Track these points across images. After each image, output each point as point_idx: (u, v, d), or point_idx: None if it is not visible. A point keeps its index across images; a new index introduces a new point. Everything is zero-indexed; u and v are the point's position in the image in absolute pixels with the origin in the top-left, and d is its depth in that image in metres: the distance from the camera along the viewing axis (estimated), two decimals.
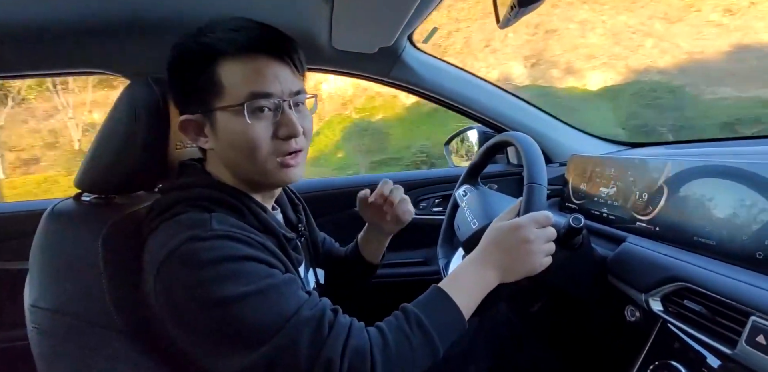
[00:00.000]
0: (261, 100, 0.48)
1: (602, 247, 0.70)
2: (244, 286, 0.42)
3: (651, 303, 0.57)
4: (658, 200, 0.66)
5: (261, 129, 0.49)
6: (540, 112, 1.06)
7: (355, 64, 0.95)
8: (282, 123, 0.50)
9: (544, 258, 0.54)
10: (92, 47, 0.76)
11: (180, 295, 0.43)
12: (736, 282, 0.47)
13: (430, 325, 0.47)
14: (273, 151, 0.50)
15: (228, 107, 0.48)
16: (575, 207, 0.88)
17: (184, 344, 0.46)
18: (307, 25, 0.76)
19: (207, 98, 0.49)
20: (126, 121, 0.54)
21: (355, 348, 0.43)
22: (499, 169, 1.15)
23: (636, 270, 0.61)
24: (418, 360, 0.46)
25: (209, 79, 0.48)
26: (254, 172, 0.51)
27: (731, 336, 0.45)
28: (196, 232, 0.44)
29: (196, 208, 0.48)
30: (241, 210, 0.50)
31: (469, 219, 0.72)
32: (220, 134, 0.50)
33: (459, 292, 0.50)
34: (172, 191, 0.52)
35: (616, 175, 0.78)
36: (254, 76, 0.49)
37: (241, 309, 0.42)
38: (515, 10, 0.39)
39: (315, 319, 0.44)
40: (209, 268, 0.43)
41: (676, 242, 0.61)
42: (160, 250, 0.45)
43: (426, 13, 0.75)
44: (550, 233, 0.54)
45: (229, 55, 0.48)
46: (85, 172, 0.57)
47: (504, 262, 0.53)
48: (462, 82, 1.01)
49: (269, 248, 0.49)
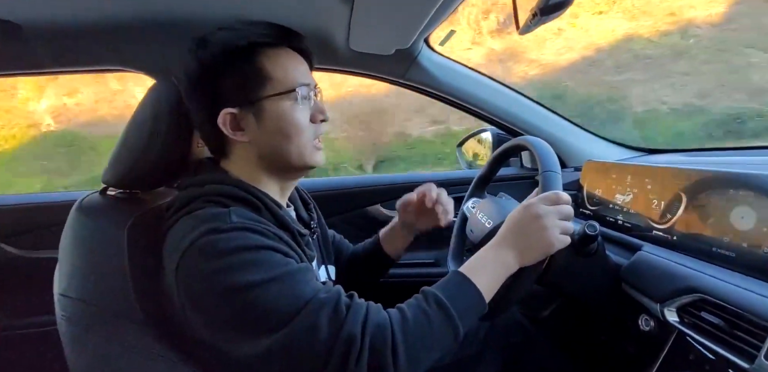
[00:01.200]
0: (305, 88, 0.54)
1: (617, 255, 0.69)
2: (262, 273, 0.44)
3: (666, 313, 0.56)
4: (676, 209, 0.64)
5: (305, 114, 0.54)
6: (555, 116, 1.05)
7: (370, 66, 0.95)
8: (317, 109, 0.56)
9: (559, 234, 0.52)
10: (118, 45, 0.78)
11: (200, 285, 0.45)
12: (757, 295, 0.46)
13: (450, 303, 0.47)
14: (312, 134, 0.55)
15: (279, 94, 0.52)
16: (590, 213, 0.87)
17: (205, 333, 0.47)
18: (325, 26, 0.77)
19: (253, 89, 0.52)
20: (150, 120, 0.56)
21: (375, 323, 0.44)
22: (512, 173, 1.14)
23: (651, 279, 0.60)
24: (438, 336, 0.46)
25: (255, 70, 0.52)
26: (294, 155, 0.54)
27: (749, 350, 0.45)
28: (216, 225, 0.46)
29: (214, 204, 0.50)
30: (257, 205, 0.52)
31: (483, 220, 0.71)
32: (266, 122, 0.53)
33: (478, 275, 0.51)
34: (190, 188, 0.53)
35: (632, 181, 0.77)
36: (295, 67, 0.54)
37: (259, 295, 0.43)
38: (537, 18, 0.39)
39: (332, 301, 0.45)
40: (228, 257, 0.44)
41: (694, 253, 0.60)
42: (180, 242, 0.47)
43: (444, 16, 0.74)
44: (565, 210, 0.53)
45: (271, 47, 0.53)
46: (111, 167, 0.59)
47: (520, 241, 0.53)
48: (477, 85, 1.00)
49: (285, 240, 0.50)
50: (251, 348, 0.44)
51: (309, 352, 0.43)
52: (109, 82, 4.11)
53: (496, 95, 1.01)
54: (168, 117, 0.56)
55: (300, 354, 0.43)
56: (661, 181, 0.70)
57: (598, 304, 0.69)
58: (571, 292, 0.68)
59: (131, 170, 0.57)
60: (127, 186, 0.60)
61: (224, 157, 0.57)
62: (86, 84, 4.15)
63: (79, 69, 0.86)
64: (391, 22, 0.70)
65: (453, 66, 0.98)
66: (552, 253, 0.53)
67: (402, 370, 0.43)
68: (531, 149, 0.64)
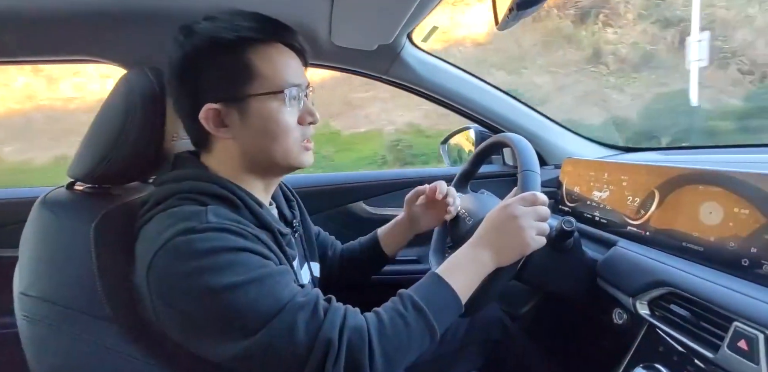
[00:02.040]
0: (295, 88, 0.52)
1: (593, 251, 0.71)
2: (239, 275, 0.43)
3: (638, 307, 0.57)
4: (650, 205, 0.66)
5: (293, 115, 0.52)
6: (536, 114, 1.06)
7: (353, 61, 0.95)
8: (306, 110, 0.54)
9: (535, 235, 0.53)
10: (90, 35, 0.75)
11: (174, 286, 0.44)
12: (722, 288, 0.48)
13: (424, 304, 0.48)
14: (300, 136, 0.54)
15: (267, 93, 0.50)
16: (568, 210, 0.89)
17: (178, 334, 0.46)
18: (307, 19, 0.76)
19: (238, 85, 0.50)
20: (122, 111, 0.54)
21: (352, 327, 0.44)
22: (494, 170, 1.16)
23: (625, 274, 0.62)
24: (415, 338, 0.47)
25: (242, 67, 0.49)
26: (280, 155, 0.53)
27: (714, 341, 0.46)
28: (191, 224, 0.44)
29: (191, 201, 0.49)
30: (236, 203, 0.50)
31: (463, 216, 0.72)
32: (251, 121, 0.51)
33: (454, 275, 0.51)
34: (167, 183, 0.52)
35: (609, 178, 0.78)
36: (287, 65, 0.52)
37: (236, 297, 0.42)
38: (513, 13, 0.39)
39: (310, 304, 0.44)
40: (204, 258, 0.43)
41: (666, 247, 0.61)
42: (153, 241, 0.45)
43: (426, 12, 0.74)
44: (541, 211, 0.54)
45: (262, 43, 0.50)
46: (79, 161, 0.57)
47: (496, 241, 0.53)
48: (460, 82, 1.01)
49: (263, 241, 0.49)
50: (226, 351, 0.43)
51: (286, 355, 0.43)
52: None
53: (478, 93, 1.02)
54: (141, 109, 0.54)
55: (277, 357, 0.43)
56: (635, 178, 0.71)
57: (574, 298, 0.70)
58: (549, 287, 0.69)
59: (101, 164, 0.55)
60: (97, 180, 0.58)
61: (206, 151, 0.55)
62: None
63: (47, 59, 0.82)
64: (372, 17, 0.69)
65: (436, 63, 0.98)
66: (527, 254, 0.54)
67: (378, 371, 0.44)
68: (512, 147, 0.65)
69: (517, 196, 0.56)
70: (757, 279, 0.47)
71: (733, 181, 0.53)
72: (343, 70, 0.98)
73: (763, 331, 0.41)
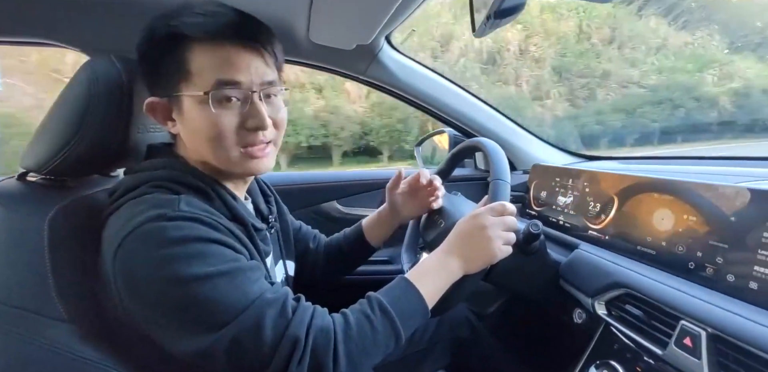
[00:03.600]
0: (227, 89, 0.47)
1: (557, 253, 0.74)
2: (209, 266, 0.42)
3: (596, 307, 0.61)
4: (609, 211, 0.70)
5: (226, 119, 0.47)
6: (508, 121, 1.09)
7: (331, 60, 0.94)
8: (250, 114, 0.48)
9: (502, 245, 0.55)
10: (50, 17, 0.70)
11: (141, 272, 0.42)
12: (671, 289, 0.51)
13: (392, 308, 0.48)
14: (238, 142, 0.49)
15: (193, 95, 0.47)
16: (534, 214, 0.92)
17: (143, 325, 0.44)
18: (285, 15, 0.74)
19: (175, 83, 0.48)
20: (83, 100, 0.50)
21: (319, 327, 0.44)
22: (466, 173, 1.18)
23: (585, 276, 0.65)
24: (380, 341, 0.47)
25: (177, 64, 0.47)
26: (218, 161, 0.50)
27: (663, 338, 0.49)
28: (163, 211, 0.43)
29: (164, 190, 0.47)
30: (210, 195, 0.49)
31: (435, 219, 0.73)
32: (185, 120, 0.49)
33: (422, 281, 0.52)
34: (139, 172, 0.50)
35: (573, 185, 0.82)
36: (223, 63, 0.47)
37: (205, 288, 0.41)
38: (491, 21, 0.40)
39: (279, 302, 0.44)
40: (174, 246, 0.42)
41: (623, 250, 0.65)
42: (123, 226, 0.43)
43: (405, 15, 0.75)
44: (509, 221, 0.56)
45: (198, 40, 0.46)
46: (33, 151, 0.53)
47: (464, 250, 0.55)
48: (437, 87, 1.02)
49: (236, 234, 0.48)
50: (190, 344, 0.42)
51: (251, 353, 0.42)
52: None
53: (454, 97, 1.04)
54: (106, 98, 0.51)
55: (241, 354, 0.42)
56: (597, 185, 0.75)
57: (539, 299, 0.73)
58: (515, 288, 0.71)
59: (58, 155, 0.51)
60: (53, 172, 0.54)
61: (180, 140, 0.53)
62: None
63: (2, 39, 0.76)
64: (350, 17, 0.69)
65: (413, 66, 0.99)
66: (494, 263, 0.56)
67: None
68: (486, 153, 0.67)
69: (486, 206, 0.57)
70: (702, 281, 0.51)
71: (684, 190, 0.57)
72: (320, 68, 0.97)
73: (705, 329, 0.44)
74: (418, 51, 4.78)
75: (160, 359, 0.46)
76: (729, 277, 0.48)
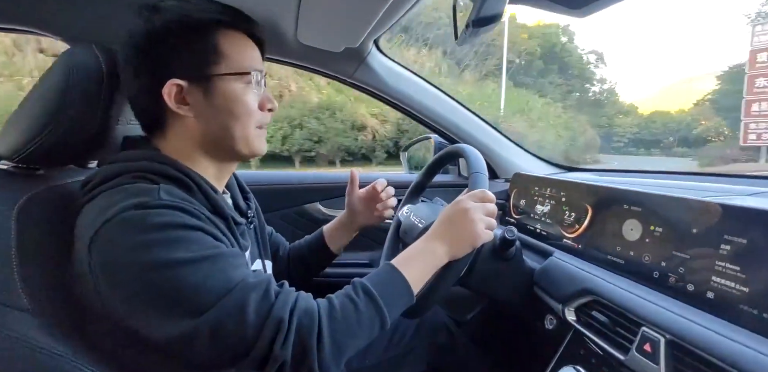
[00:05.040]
0: (258, 73, 0.53)
1: (533, 260, 0.75)
2: (191, 252, 0.42)
3: (566, 313, 0.62)
4: (583, 220, 0.72)
5: (253, 98, 0.53)
6: (492, 130, 1.11)
7: (319, 61, 0.94)
8: (266, 97, 0.55)
9: (485, 229, 0.56)
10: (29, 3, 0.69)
11: (122, 260, 0.41)
12: (635, 297, 0.53)
13: (376, 291, 0.49)
14: (258, 120, 0.54)
15: (233, 74, 0.51)
16: (514, 221, 0.94)
17: (121, 312, 0.43)
18: (273, 15, 0.75)
19: (206, 64, 0.50)
20: (61, 89, 0.49)
21: (303, 309, 0.44)
22: (449, 180, 1.19)
23: (557, 283, 0.66)
24: (364, 323, 0.47)
25: (211, 47, 0.50)
26: (239, 137, 0.53)
27: (626, 344, 0.51)
28: (144, 200, 0.43)
29: (143, 180, 0.47)
30: (191, 187, 0.49)
31: (416, 221, 0.74)
32: (215, 99, 0.51)
33: (408, 266, 0.53)
34: (117, 162, 0.49)
35: (551, 194, 0.84)
36: (251, 52, 0.54)
37: (186, 273, 0.41)
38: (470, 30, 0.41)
39: (262, 285, 0.44)
40: (155, 232, 0.41)
41: (594, 259, 0.67)
42: (99, 214, 0.43)
43: (394, 20, 0.76)
44: (489, 207, 0.58)
45: (231, 29, 0.52)
46: (5, 137, 0.52)
47: (449, 234, 0.56)
48: (424, 93, 1.04)
49: (217, 225, 0.48)
50: (172, 330, 0.41)
51: (235, 336, 0.41)
52: None
53: (440, 104, 1.06)
54: (84, 88, 0.50)
55: (225, 337, 0.41)
56: (573, 195, 0.77)
57: (514, 304, 0.74)
58: (491, 293, 0.73)
59: (31, 142, 0.50)
60: (25, 160, 0.53)
61: (159, 133, 0.53)
62: None
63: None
64: (339, 19, 0.70)
65: (401, 71, 1.01)
66: (478, 247, 0.57)
67: (326, 354, 0.44)
68: (463, 155, 0.69)
69: (467, 193, 0.59)
70: (666, 290, 0.53)
71: (652, 202, 0.59)
72: (308, 69, 0.97)
73: (664, 335, 0.46)
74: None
75: (133, 351, 0.45)
76: (689, 287, 0.49)
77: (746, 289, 0.44)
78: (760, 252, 0.44)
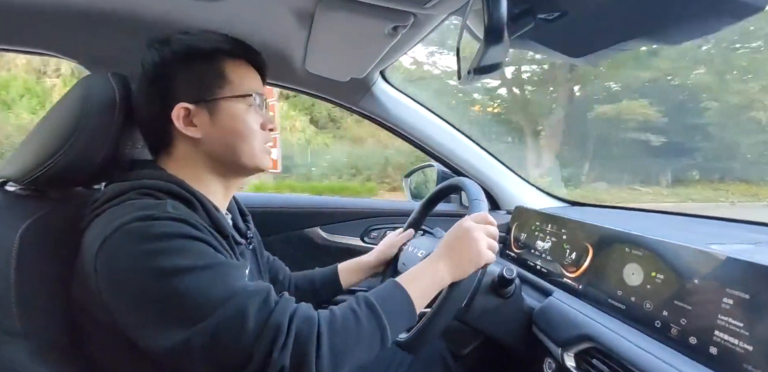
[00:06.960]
0: (258, 97, 0.57)
1: (533, 298, 0.73)
2: (193, 260, 0.43)
3: (565, 358, 0.59)
4: (584, 260, 0.70)
5: (257, 120, 0.57)
6: (495, 161, 1.11)
7: (325, 89, 0.97)
8: (268, 118, 0.59)
9: (486, 250, 0.57)
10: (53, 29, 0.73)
11: (124, 267, 0.42)
12: (636, 348, 0.50)
13: (379, 305, 0.49)
14: (260, 139, 0.58)
15: (236, 97, 0.55)
16: (514, 256, 0.92)
17: (123, 321, 0.43)
18: (284, 45, 0.78)
19: (210, 88, 0.54)
20: (75, 116, 0.52)
21: (303, 316, 0.44)
22: (450, 209, 1.19)
23: (556, 325, 0.64)
24: (365, 336, 0.46)
25: (217, 73, 0.54)
26: (246, 154, 0.56)
27: None
28: (150, 213, 0.44)
29: (149, 197, 0.48)
30: (194, 204, 0.51)
31: (415, 252, 0.73)
32: (220, 121, 0.54)
33: (411, 284, 0.54)
34: (125, 181, 0.51)
35: (552, 230, 0.83)
36: (252, 78, 0.58)
37: (187, 281, 0.42)
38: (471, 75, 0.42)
39: (262, 293, 0.44)
40: (158, 241, 0.43)
41: (595, 302, 0.65)
42: (106, 227, 0.44)
43: (400, 53, 0.78)
44: (491, 229, 0.60)
45: (233, 57, 0.56)
46: (17, 160, 0.53)
47: (452, 254, 0.57)
48: (428, 123, 1.05)
49: (219, 240, 0.50)
50: (172, 337, 0.41)
51: (234, 343, 0.41)
52: None
53: (442, 134, 1.07)
54: (97, 116, 0.52)
55: (224, 345, 0.41)
56: (574, 233, 0.76)
57: (511, 344, 0.72)
58: (489, 331, 0.70)
59: (42, 165, 0.51)
60: (34, 182, 0.54)
61: (166, 155, 0.56)
62: None
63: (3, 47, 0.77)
64: (346, 52, 0.72)
65: (406, 101, 1.02)
66: (481, 266, 0.57)
67: (324, 363, 0.43)
68: (462, 188, 0.69)
69: (469, 216, 0.61)
70: (667, 341, 0.50)
71: (654, 248, 0.57)
72: (314, 95, 1.00)
73: None
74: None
75: (129, 367, 0.46)
76: (691, 340, 0.47)
77: (750, 348, 0.42)
78: (763, 309, 0.42)
